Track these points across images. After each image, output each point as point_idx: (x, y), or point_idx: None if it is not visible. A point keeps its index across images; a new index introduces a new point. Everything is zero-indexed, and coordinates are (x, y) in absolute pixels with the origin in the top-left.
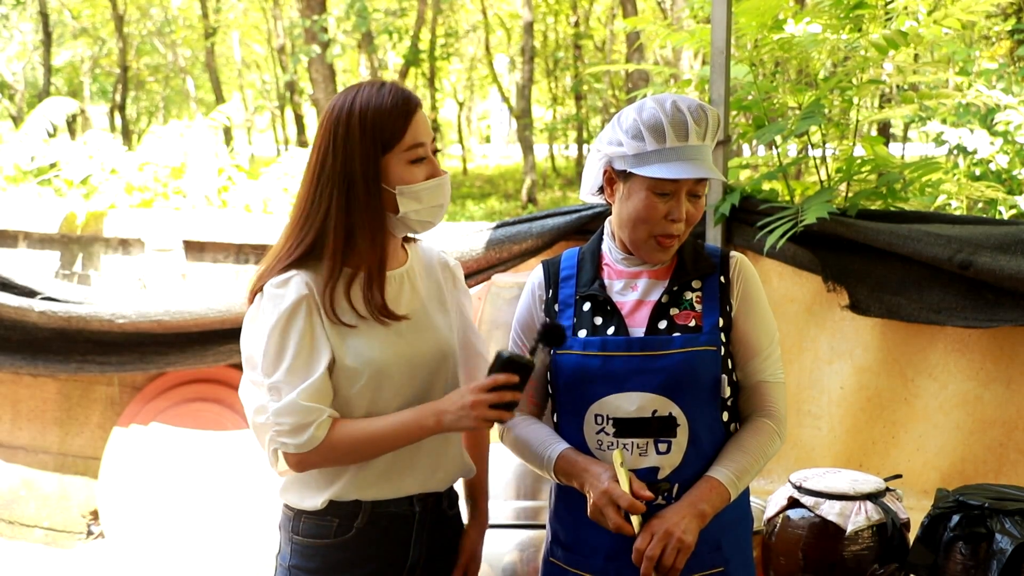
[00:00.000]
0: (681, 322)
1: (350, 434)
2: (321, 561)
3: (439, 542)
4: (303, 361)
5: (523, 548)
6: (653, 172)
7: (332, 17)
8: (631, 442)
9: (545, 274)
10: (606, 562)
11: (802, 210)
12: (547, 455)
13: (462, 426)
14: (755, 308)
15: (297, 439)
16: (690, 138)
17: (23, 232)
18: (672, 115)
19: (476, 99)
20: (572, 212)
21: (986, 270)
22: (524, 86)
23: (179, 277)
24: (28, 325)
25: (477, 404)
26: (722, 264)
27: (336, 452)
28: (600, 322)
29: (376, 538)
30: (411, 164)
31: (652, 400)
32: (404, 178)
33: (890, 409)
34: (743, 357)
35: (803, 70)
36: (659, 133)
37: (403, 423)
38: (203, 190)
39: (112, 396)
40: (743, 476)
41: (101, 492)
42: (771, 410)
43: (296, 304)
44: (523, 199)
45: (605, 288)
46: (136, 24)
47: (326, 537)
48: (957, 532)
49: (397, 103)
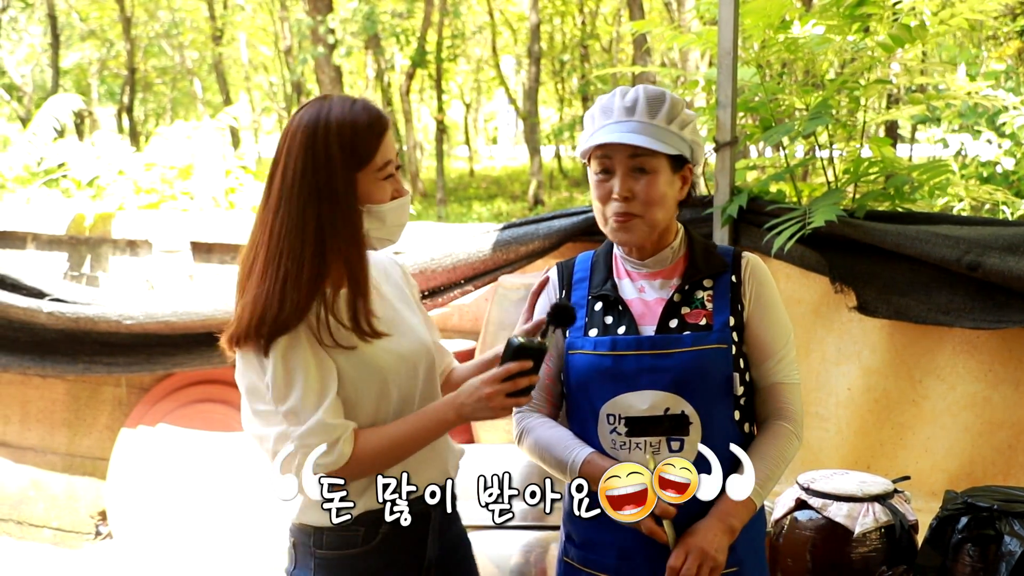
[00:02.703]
0: (692, 321)
1: (375, 443)
2: (351, 571)
3: (449, 539)
4: (315, 381)
5: (531, 549)
6: (588, 142)
7: (338, 19)
8: (644, 441)
9: (559, 276)
10: (619, 561)
11: (810, 212)
12: (571, 459)
13: (481, 417)
14: (768, 309)
15: (329, 457)
16: (636, 114)
17: (31, 233)
18: (625, 94)
19: (483, 100)
20: (579, 213)
21: (995, 271)
22: (531, 87)
23: (186, 278)
24: (36, 326)
25: (493, 395)
26: (734, 263)
27: (363, 464)
28: (611, 321)
29: (399, 541)
30: (381, 182)
31: (664, 398)
32: (373, 196)
33: (898, 411)
34: (757, 358)
35: (810, 71)
36: (607, 110)
37: (424, 422)
38: (210, 191)
39: (120, 397)
40: (766, 484)
41: (109, 493)
42: (787, 412)
43: (293, 336)
44: (530, 200)
45: (616, 288)
46: (144, 26)
47: (353, 547)
48: (965, 534)
49: (372, 120)
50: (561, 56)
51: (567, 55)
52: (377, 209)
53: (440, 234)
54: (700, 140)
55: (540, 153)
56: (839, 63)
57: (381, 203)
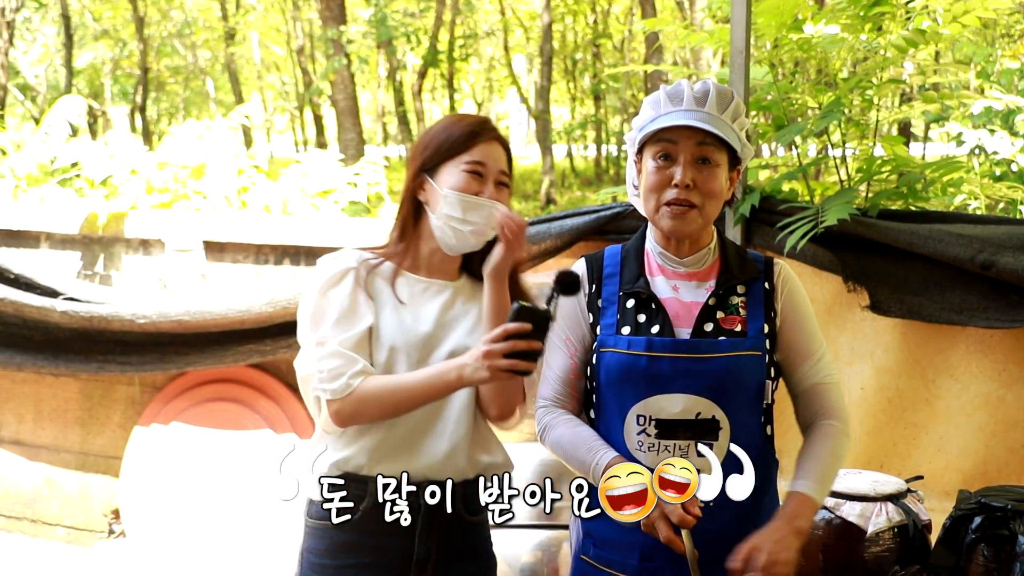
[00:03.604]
0: (727, 326)
1: (378, 385)
2: (329, 541)
3: (452, 541)
4: (346, 317)
5: (544, 547)
6: (652, 126)
7: (354, 27)
8: (672, 444)
9: (588, 270)
10: (641, 562)
11: (822, 211)
12: (595, 462)
13: (479, 377)
14: (801, 313)
15: (333, 384)
16: (707, 105)
17: (45, 233)
18: (694, 85)
19: (495, 99)
20: (591, 212)
21: (1008, 270)
22: (543, 86)
23: (199, 277)
24: (50, 325)
25: (490, 354)
26: (766, 270)
27: (366, 404)
28: (644, 320)
29: (381, 525)
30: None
31: (696, 403)
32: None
33: (911, 410)
34: (793, 363)
35: (823, 70)
36: (677, 97)
37: (428, 376)
38: (223, 191)
39: (133, 396)
40: (825, 483)
41: (122, 491)
42: (833, 410)
43: (342, 272)
44: (542, 199)
45: (649, 285)
46: (156, 26)
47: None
48: (979, 534)
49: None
50: (573, 55)
51: (579, 54)
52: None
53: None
54: (748, 143)
55: (552, 152)
56: (852, 62)
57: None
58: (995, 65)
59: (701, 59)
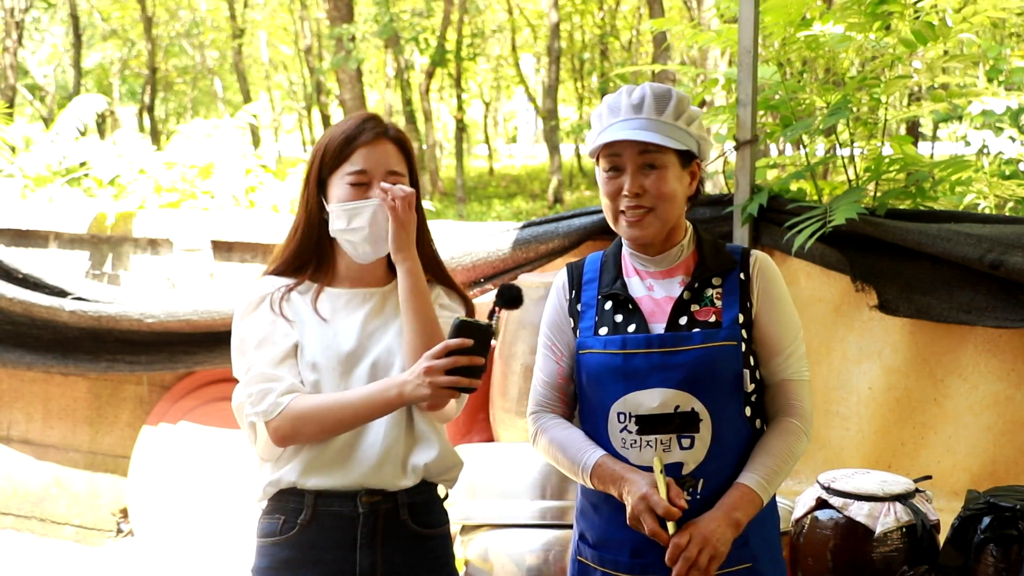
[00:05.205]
0: (701, 318)
1: (316, 404)
2: (270, 559)
3: (400, 555)
4: (266, 340)
5: (549, 548)
6: (597, 140)
7: (361, 26)
8: (654, 439)
9: (569, 276)
10: (632, 559)
11: (830, 210)
12: (583, 462)
13: (420, 395)
14: (776, 305)
15: (261, 406)
16: (644, 111)
17: (54, 232)
18: (631, 92)
19: (502, 99)
20: (599, 212)
21: (1017, 270)
22: (550, 86)
23: (207, 277)
24: (59, 324)
25: (431, 370)
26: (743, 261)
27: (305, 422)
28: (621, 320)
29: (320, 538)
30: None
31: (674, 396)
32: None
33: (919, 410)
34: (766, 355)
35: (831, 69)
36: (616, 108)
37: (369, 394)
38: (231, 190)
39: (141, 395)
40: (773, 480)
41: (131, 490)
42: (796, 409)
43: (258, 300)
44: (549, 199)
45: (626, 286)
46: (164, 26)
47: (273, 535)
48: (988, 534)
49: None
50: (581, 54)
51: (587, 53)
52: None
53: (460, 233)
54: (707, 136)
55: (560, 151)
56: (860, 61)
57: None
58: (1004, 64)
59: (709, 59)
